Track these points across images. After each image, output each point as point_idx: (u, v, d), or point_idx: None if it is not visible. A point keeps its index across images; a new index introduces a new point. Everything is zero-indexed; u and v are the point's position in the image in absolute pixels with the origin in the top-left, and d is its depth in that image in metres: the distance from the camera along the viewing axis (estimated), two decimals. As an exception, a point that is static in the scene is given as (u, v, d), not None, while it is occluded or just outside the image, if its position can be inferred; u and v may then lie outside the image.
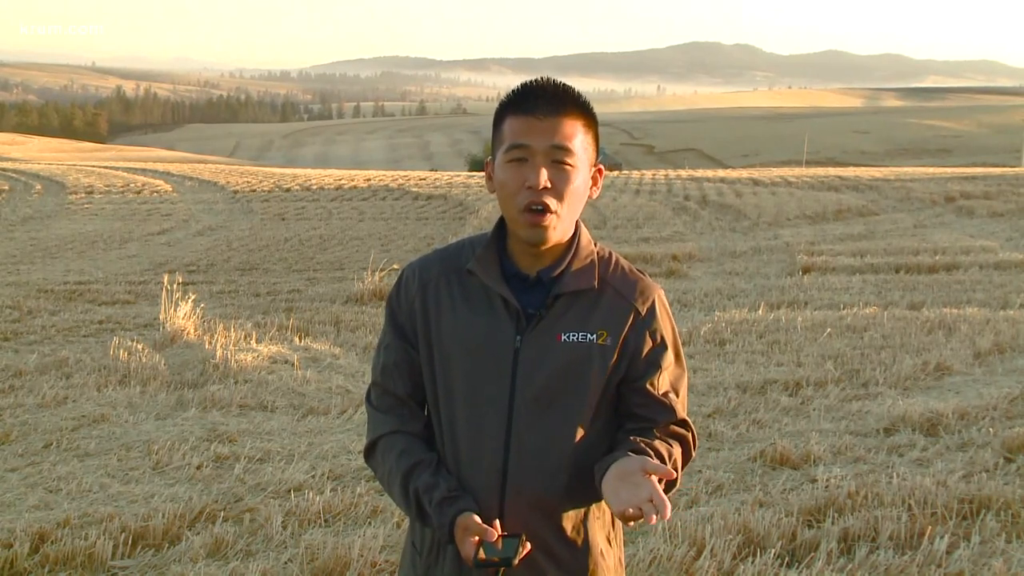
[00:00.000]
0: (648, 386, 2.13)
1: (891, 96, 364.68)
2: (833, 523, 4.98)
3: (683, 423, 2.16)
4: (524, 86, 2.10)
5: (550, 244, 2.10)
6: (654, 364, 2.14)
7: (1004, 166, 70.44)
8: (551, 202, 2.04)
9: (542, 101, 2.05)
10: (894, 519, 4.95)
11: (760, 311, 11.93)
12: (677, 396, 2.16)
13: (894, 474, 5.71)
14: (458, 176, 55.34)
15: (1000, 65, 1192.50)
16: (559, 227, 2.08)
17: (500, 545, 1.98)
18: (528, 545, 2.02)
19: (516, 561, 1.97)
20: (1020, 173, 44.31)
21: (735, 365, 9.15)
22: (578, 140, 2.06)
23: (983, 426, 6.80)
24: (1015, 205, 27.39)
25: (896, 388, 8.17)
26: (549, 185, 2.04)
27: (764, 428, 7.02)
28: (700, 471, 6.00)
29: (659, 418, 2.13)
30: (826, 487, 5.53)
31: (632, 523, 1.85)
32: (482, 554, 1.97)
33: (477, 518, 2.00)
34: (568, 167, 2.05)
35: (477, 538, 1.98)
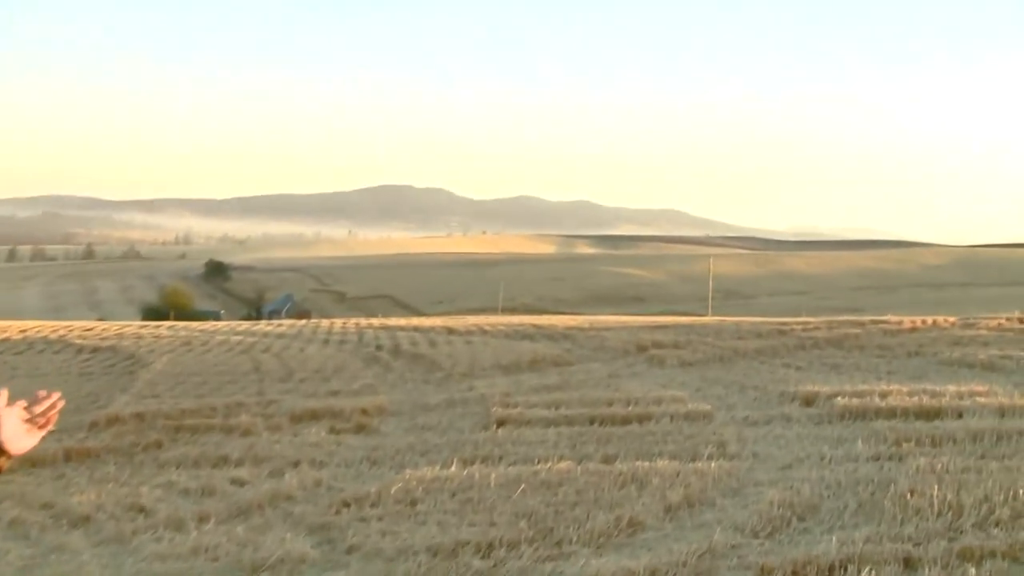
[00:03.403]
0: None
1: (583, 243, 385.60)
2: None
3: None
4: None
5: None
6: None
7: (693, 314, 75.59)
8: None
9: None
10: None
11: (453, 468, 12.07)
12: None
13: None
14: (129, 326, 53.15)
15: (684, 215, 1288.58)
16: None
17: None
18: None
19: None
20: (707, 322, 47.60)
21: (427, 526, 9.18)
22: None
23: (673, 583, 7.12)
24: (703, 355, 29.31)
25: (590, 546, 8.44)
26: None
27: (455, 596, 7.03)
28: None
29: None
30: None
31: None
32: None
33: None
34: None
35: None
